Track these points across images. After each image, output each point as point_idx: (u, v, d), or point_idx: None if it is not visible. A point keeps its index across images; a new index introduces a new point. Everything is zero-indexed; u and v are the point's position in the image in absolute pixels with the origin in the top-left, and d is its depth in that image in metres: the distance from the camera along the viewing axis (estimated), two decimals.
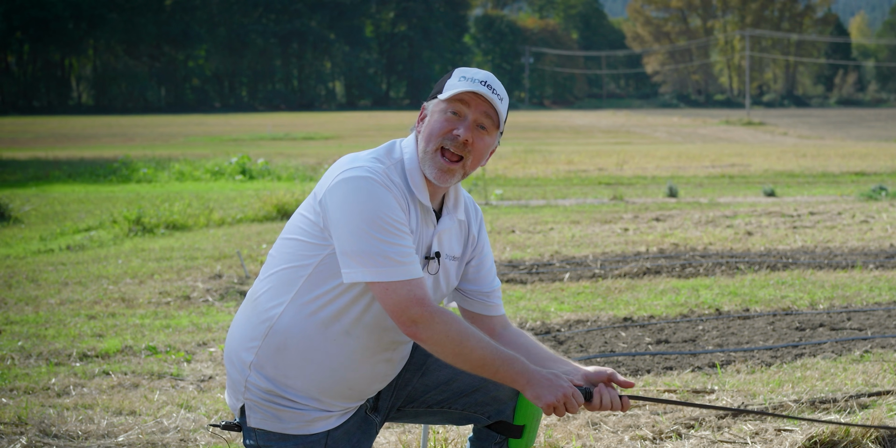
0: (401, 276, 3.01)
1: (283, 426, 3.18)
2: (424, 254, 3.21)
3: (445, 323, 3.01)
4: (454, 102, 3.15)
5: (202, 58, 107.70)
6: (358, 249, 3.00)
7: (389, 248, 3.00)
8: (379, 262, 3.00)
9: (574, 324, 7.35)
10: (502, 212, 15.58)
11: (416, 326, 3.02)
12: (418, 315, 3.01)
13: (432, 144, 3.14)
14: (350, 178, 3.05)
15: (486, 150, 3.20)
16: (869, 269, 9.59)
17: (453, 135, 3.13)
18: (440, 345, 3.03)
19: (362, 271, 3.01)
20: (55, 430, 4.82)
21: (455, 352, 3.03)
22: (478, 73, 3.15)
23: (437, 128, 3.15)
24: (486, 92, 3.12)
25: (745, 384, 5.57)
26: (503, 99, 3.17)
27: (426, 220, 3.20)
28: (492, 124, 3.17)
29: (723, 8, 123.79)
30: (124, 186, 21.62)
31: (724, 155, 31.36)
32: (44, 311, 7.93)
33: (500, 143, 3.84)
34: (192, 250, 11.30)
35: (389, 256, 3.00)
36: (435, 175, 3.14)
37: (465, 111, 3.15)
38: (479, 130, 3.16)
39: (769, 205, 16.43)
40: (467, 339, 3.02)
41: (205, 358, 6.47)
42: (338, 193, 3.05)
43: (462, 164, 3.16)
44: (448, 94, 3.13)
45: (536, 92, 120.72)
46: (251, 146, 38.39)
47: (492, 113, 3.15)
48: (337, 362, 3.16)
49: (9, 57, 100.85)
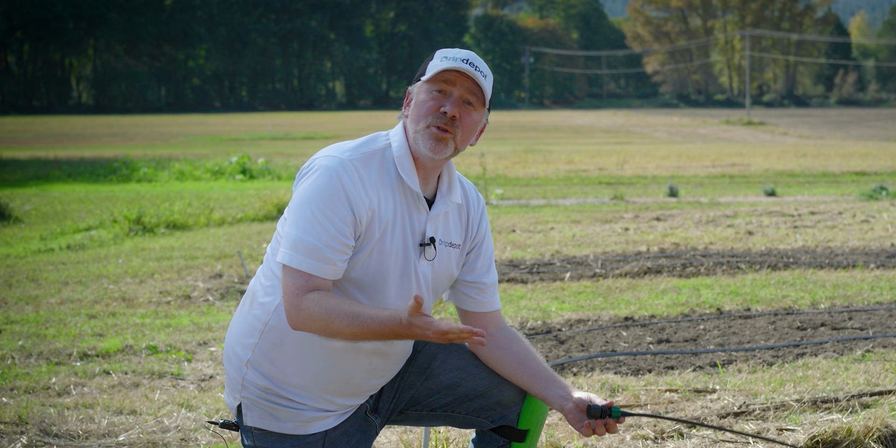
0: (296, 264, 3.05)
1: (280, 425, 3.17)
2: (419, 240, 3.20)
3: (310, 309, 3.02)
4: (439, 82, 3.16)
5: (202, 57, 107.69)
6: (286, 231, 3.10)
7: (303, 236, 3.05)
8: (289, 245, 3.07)
9: (575, 323, 7.34)
10: (503, 211, 15.58)
11: (290, 316, 3.06)
12: (288, 305, 3.06)
13: (423, 123, 3.16)
14: (313, 167, 3.13)
15: (474, 126, 3.21)
16: (870, 269, 9.58)
17: (441, 112, 3.15)
18: (312, 329, 3.05)
19: (281, 251, 3.09)
20: (56, 430, 4.81)
21: (327, 333, 3.05)
22: (459, 52, 3.18)
23: (424, 107, 3.17)
24: (469, 69, 3.13)
25: (746, 384, 5.56)
26: (487, 75, 3.19)
27: (417, 206, 3.19)
28: (478, 101, 3.19)
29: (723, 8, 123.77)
30: (124, 186, 21.62)
31: (725, 155, 31.35)
32: (44, 311, 7.93)
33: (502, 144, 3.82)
34: (193, 250, 11.30)
35: (297, 243, 3.05)
36: (430, 147, 3.15)
37: (451, 89, 3.16)
38: (466, 106, 3.18)
39: (770, 204, 16.42)
40: (333, 320, 3.01)
41: (205, 357, 6.47)
42: (297, 179, 3.17)
43: (453, 136, 3.17)
44: (431, 73, 3.15)
45: (536, 92, 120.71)
46: (251, 146, 38.39)
47: (476, 90, 3.17)
48: (333, 356, 3.16)
49: (9, 56, 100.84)
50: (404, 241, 3.16)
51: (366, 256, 3.12)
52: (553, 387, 3.25)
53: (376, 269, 3.14)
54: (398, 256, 3.16)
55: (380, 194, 3.12)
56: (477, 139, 3.28)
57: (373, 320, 3.00)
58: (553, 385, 3.25)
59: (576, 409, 3.19)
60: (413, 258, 3.19)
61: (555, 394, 3.23)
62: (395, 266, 3.16)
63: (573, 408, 3.19)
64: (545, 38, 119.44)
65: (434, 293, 3.30)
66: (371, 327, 3.00)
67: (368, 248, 3.11)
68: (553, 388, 3.24)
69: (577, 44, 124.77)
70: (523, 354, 3.31)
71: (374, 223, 3.11)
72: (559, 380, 3.27)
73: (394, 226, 3.14)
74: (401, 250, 3.16)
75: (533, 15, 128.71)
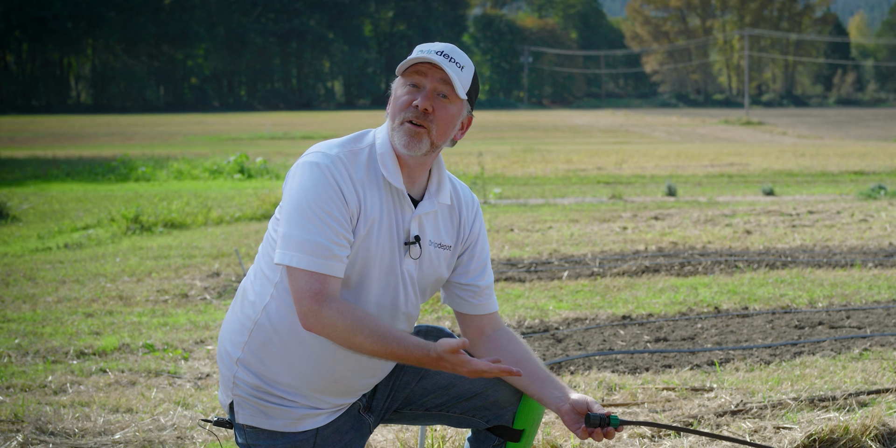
0: (304, 264, 3.00)
1: (271, 423, 3.16)
2: (404, 239, 3.17)
3: (333, 317, 2.99)
4: (412, 75, 3.12)
5: (201, 57, 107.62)
6: (284, 232, 3.04)
7: (307, 236, 3.00)
8: (293, 247, 3.01)
9: (573, 322, 7.33)
10: (501, 210, 15.57)
11: (307, 319, 3.02)
12: (307, 308, 3.00)
13: (398, 119, 3.12)
14: (300, 164, 3.10)
15: (451, 119, 3.14)
16: (868, 268, 9.58)
17: (412, 106, 3.10)
18: (332, 337, 3.03)
19: (280, 253, 3.03)
20: (52, 428, 4.81)
21: (347, 345, 3.03)
22: (435, 45, 3.12)
23: (398, 103, 3.13)
24: (439, 59, 3.07)
25: (743, 382, 5.56)
26: (463, 67, 3.12)
27: (400, 204, 3.15)
28: (452, 92, 3.12)
29: (722, 7, 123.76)
30: (123, 185, 21.61)
31: (723, 154, 31.35)
32: (41, 309, 7.92)
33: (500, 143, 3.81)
34: (190, 248, 11.29)
35: (303, 244, 3.00)
36: (404, 143, 3.10)
37: (423, 81, 3.11)
38: (441, 99, 3.12)
39: (768, 204, 16.41)
40: (357, 334, 2.99)
41: (202, 356, 6.46)
42: (288, 177, 3.13)
43: (427, 131, 3.11)
44: (403, 67, 3.12)
45: (535, 91, 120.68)
46: (250, 145, 38.39)
47: (448, 79, 3.10)
48: (321, 355, 3.13)
49: (7, 56, 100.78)
50: (390, 239, 3.14)
51: (352, 254, 3.09)
52: (550, 388, 3.23)
53: (361, 267, 3.11)
54: (383, 255, 3.13)
55: (367, 192, 3.09)
56: (462, 134, 3.23)
57: (399, 344, 2.99)
58: (550, 386, 3.23)
59: (572, 411, 3.16)
60: (398, 257, 3.16)
61: (551, 395, 3.21)
62: (381, 264, 3.13)
63: (570, 409, 3.17)
64: (544, 37, 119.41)
65: (422, 293, 3.27)
66: (394, 350, 3.00)
67: (355, 246, 3.09)
68: (549, 390, 3.22)
69: (576, 43, 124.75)
70: (520, 355, 3.29)
71: (361, 221, 3.08)
72: (556, 381, 3.25)
73: (380, 224, 3.11)
74: (386, 249, 3.13)
75: (532, 14, 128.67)
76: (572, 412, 3.16)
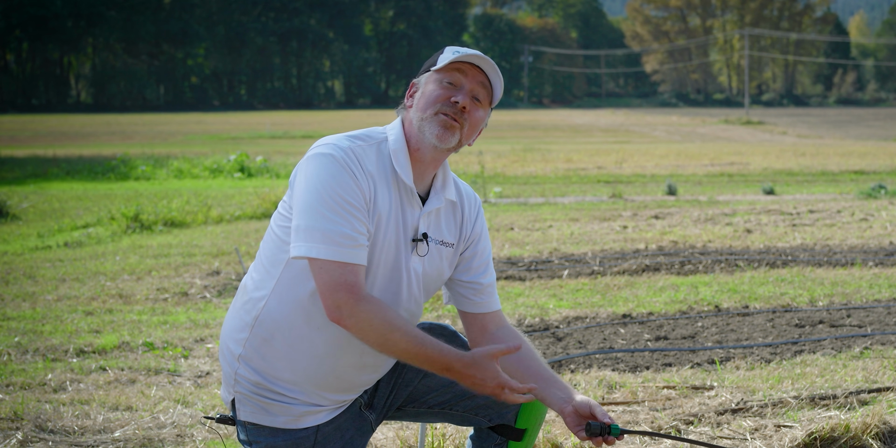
0: (336, 256, 2.94)
1: (273, 420, 3.15)
2: (411, 236, 3.14)
3: (371, 312, 2.94)
4: (450, 72, 3.10)
5: (201, 56, 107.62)
6: (304, 224, 2.96)
7: (332, 227, 2.94)
8: (318, 239, 2.94)
9: (573, 320, 7.33)
10: (501, 209, 15.57)
11: (340, 312, 2.96)
12: (343, 301, 2.94)
13: (430, 110, 3.08)
14: (313, 155, 3.03)
15: (478, 122, 3.14)
16: (868, 267, 9.58)
17: (451, 101, 3.08)
18: (363, 333, 2.97)
19: (304, 246, 2.95)
20: (51, 426, 4.80)
21: (379, 342, 2.97)
22: (470, 49, 3.11)
23: (433, 96, 3.09)
24: (486, 64, 3.09)
25: (744, 380, 5.55)
26: (499, 75, 3.13)
27: (410, 201, 3.13)
28: (486, 97, 3.12)
29: (722, 7, 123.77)
30: (122, 184, 21.61)
31: (723, 154, 31.36)
32: (41, 308, 7.91)
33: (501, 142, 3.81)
34: (190, 247, 11.29)
35: (330, 235, 2.94)
36: (437, 133, 3.07)
37: (462, 80, 3.09)
38: (475, 102, 3.11)
39: (768, 203, 16.41)
40: (392, 332, 2.95)
41: (202, 354, 6.45)
42: (300, 170, 3.05)
43: (461, 127, 3.10)
44: (443, 63, 3.08)
45: (535, 91, 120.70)
46: (250, 144, 38.40)
47: (487, 84, 3.11)
48: (322, 351, 3.11)
49: (7, 55, 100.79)
50: (397, 235, 3.11)
51: None
52: (553, 388, 3.20)
53: (367, 263, 3.07)
54: (389, 251, 3.10)
55: (377, 186, 3.06)
56: (473, 141, 3.22)
57: (433, 346, 2.96)
58: (554, 386, 3.20)
59: (575, 413, 3.14)
60: (404, 253, 3.13)
61: (555, 395, 3.18)
62: (386, 260, 3.10)
63: (572, 411, 3.14)
64: (544, 37, 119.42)
65: (426, 291, 3.25)
66: (429, 353, 2.96)
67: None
68: (553, 390, 3.19)
69: (576, 43, 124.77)
70: (524, 354, 3.26)
71: (372, 215, 3.05)
72: (560, 381, 3.22)
73: (388, 220, 3.08)
74: (392, 245, 3.10)
75: (532, 14, 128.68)
76: (574, 414, 3.14)
